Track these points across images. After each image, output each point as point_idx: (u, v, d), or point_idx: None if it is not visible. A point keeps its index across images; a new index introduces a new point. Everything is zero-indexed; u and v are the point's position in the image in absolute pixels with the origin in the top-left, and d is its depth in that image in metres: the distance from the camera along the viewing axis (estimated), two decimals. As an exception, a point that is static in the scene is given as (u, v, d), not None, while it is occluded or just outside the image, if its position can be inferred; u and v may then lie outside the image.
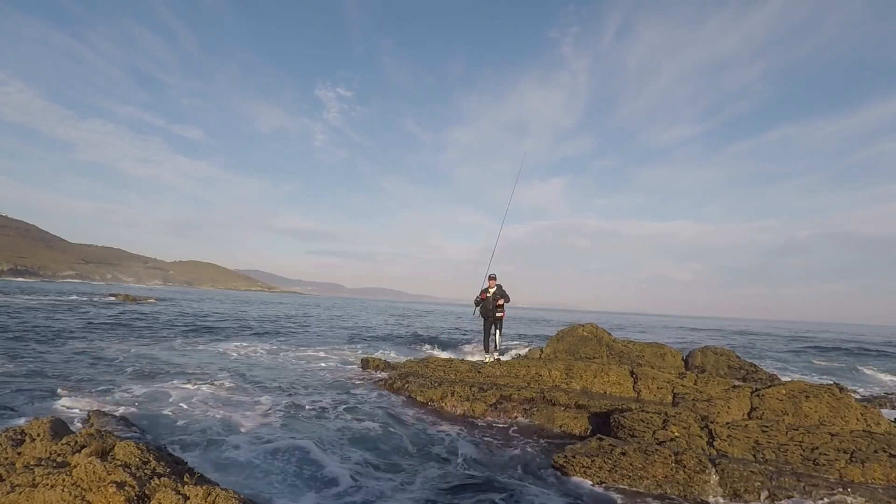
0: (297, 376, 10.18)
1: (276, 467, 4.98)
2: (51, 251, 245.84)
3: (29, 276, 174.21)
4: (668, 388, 8.36)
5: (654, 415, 6.03)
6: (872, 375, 17.10)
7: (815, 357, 22.74)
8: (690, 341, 28.30)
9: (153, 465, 3.24)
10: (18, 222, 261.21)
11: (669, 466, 4.75)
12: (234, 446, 5.51)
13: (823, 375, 16.01)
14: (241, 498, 2.93)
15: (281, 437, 5.93)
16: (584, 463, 4.79)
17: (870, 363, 20.82)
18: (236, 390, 8.43)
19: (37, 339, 13.15)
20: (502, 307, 11.17)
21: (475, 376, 9.21)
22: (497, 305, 10.98)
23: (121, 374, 9.12)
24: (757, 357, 20.17)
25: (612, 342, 12.15)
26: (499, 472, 5.28)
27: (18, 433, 3.77)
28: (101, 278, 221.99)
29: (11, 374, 8.46)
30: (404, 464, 5.40)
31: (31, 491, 2.92)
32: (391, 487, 4.72)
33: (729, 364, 12.24)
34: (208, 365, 10.83)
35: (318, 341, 17.86)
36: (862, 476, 4.96)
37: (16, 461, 3.41)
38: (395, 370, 10.42)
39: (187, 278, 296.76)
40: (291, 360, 12.43)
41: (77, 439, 3.56)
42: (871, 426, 6.79)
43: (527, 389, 8.24)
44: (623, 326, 46.10)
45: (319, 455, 5.40)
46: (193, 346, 14.23)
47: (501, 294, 10.96)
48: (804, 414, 7.08)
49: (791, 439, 5.54)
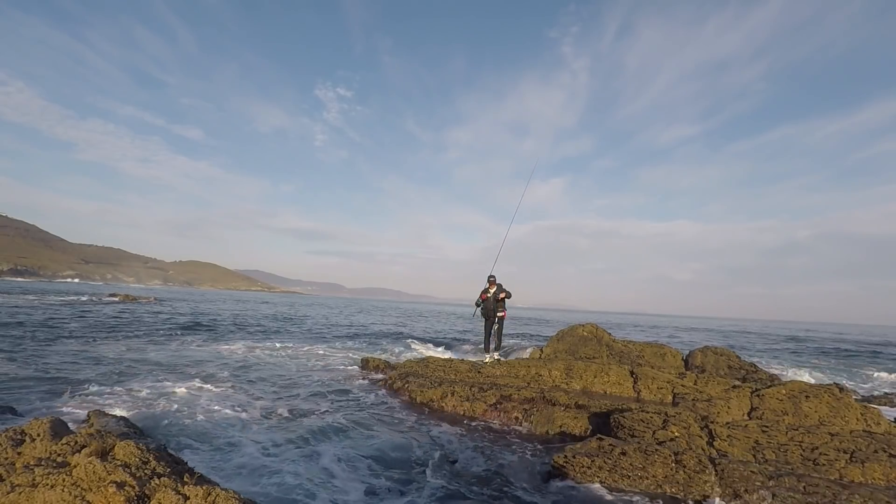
0: (297, 376, 10.17)
1: (276, 468, 4.98)
2: (51, 251, 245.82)
3: (29, 276, 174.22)
4: (668, 388, 8.36)
5: (654, 415, 6.03)
6: (872, 375, 17.10)
7: (815, 357, 22.74)
8: (690, 341, 28.31)
9: (153, 465, 3.24)
10: (18, 222, 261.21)
11: (669, 466, 4.75)
12: (234, 447, 5.51)
13: (823, 375, 16.02)
14: (241, 498, 2.93)
15: (281, 438, 5.93)
16: (584, 463, 4.79)
17: (870, 363, 20.83)
18: (236, 390, 8.43)
19: (36, 338, 13.15)
20: (504, 302, 11.23)
21: (475, 376, 9.22)
22: (500, 300, 11.06)
23: (120, 374, 9.11)
24: (757, 357, 20.17)
25: (612, 342, 12.15)
26: (499, 473, 5.28)
27: (18, 433, 3.77)
28: (101, 278, 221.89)
29: (11, 374, 8.46)
30: (405, 467, 5.40)
31: (31, 491, 2.92)
32: (392, 491, 4.72)
33: (729, 364, 12.23)
34: (208, 365, 10.83)
35: (317, 341, 17.86)
36: (862, 476, 4.96)
37: (16, 461, 3.41)
38: (395, 370, 10.42)
39: (187, 278, 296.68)
40: (291, 360, 12.43)
41: (77, 439, 3.56)
42: (871, 426, 6.79)
43: (527, 389, 8.24)
44: (623, 326, 46.09)
45: (319, 456, 5.40)
46: (193, 345, 14.23)
47: (501, 291, 11.02)
48: (804, 414, 7.08)
49: (791, 439, 5.54)
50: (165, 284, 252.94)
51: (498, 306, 11.19)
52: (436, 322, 36.26)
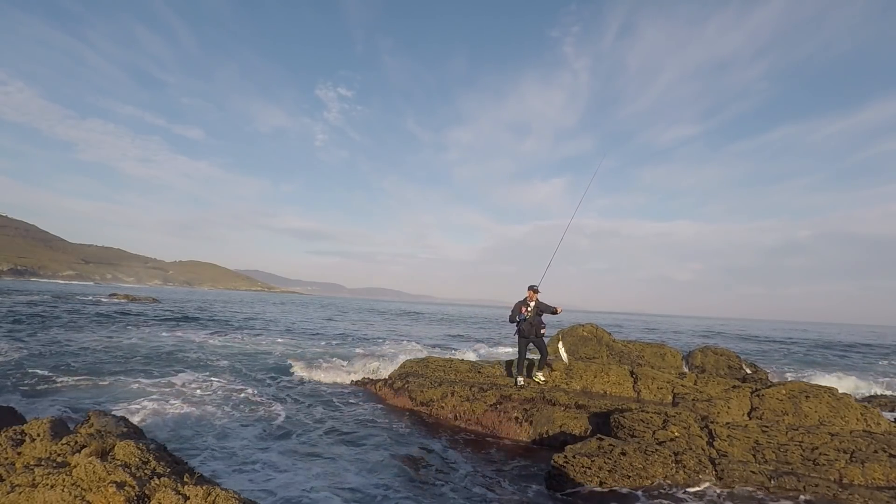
0: (297, 376, 10.18)
1: (276, 468, 4.98)
2: (51, 251, 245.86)
3: (29, 276, 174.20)
4: (668, 388, 8.36)
5: (654, 415, 6.03)
6: (872, 375, 17.09)
7: (816, 357, 22.73)
8: (690, 341, 28.30)
9: (153, 465, 3.24)
10: (18, 222, 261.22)
11: (669, 466, 4.75)
12: (235, 447, 5.51)
13: (823, 375, 16.00)
14: (240, 498, 2.93)
15: (281, 439, 5.93)
16: (584, 463, 4.79)
17: (869, 363, 20.81)
18: (237, 390, 8.43)
19: (36, 338, 13.15)
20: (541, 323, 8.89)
21: (475, 376, 9.21)
22: (552, 312, 8.80)
23: (120, 374, 9.11)
24: (757, 357, 20.17)
25: (612, 342, 12.15)
26: (499, 473, 5.28)
27: (18, 433, 3.77)
28: (101, 278, 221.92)
29: (11, 375, 8.46)
30: (405, 466, 5.40)
31: (31, 491, 2.92)
32: (391, 491, 4.72)
33: (729, 364, 12.24)
34: (208, 364, 10.84)
35: (317, 341, 17.86)
36: (862, 476, 4.96)
37: (16, 461, 3.41)
38: (395, 370, 10.41)
39: (187, 278, 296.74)
40: (291, 361, 12.44)
41: (77, 439, 3.55)
42: (871, 426, 6.79)
43: (527, 389, 8.23)
44: (623, 326, 46.08)
45: (319, 457, 5.40)
46: (192, 345, 14.23)
47: (546, 309, 8.77)
48: (804, 414, 7.08)
49: (791, 439, 5.54)
50: (165, 284, 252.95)
51: (539, 322, 8.81)
52: (435, 321, 36.27)
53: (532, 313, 8.68)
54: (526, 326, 8.65)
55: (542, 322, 8.78)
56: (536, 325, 8.69)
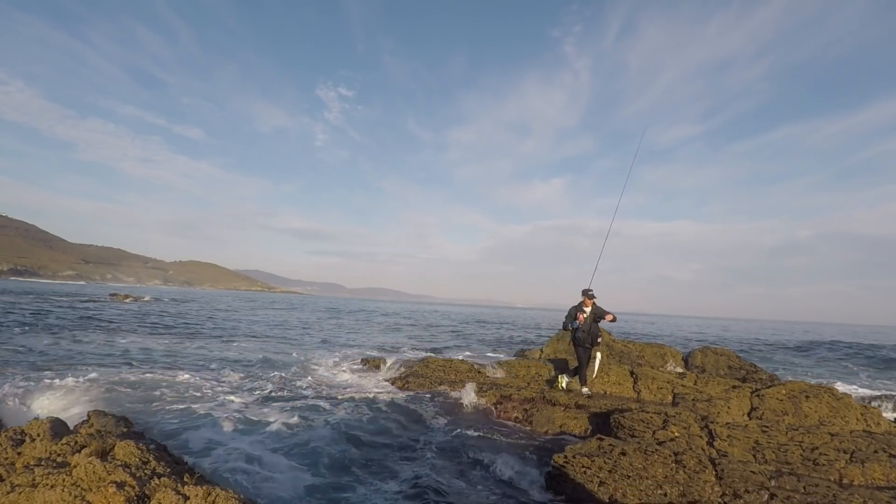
0: (297, 376, 10.18)
1: (276, 469, 4.98)
2: (51, 251, 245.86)
3: (29, 276, 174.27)
4: (668, 388, 8.36)
5: (654, 415, 6.03)
6: (872, 375, 17.08)
7: (816, 357, 22.72)
8: (690, 341, 28.30)
9: (153, 465, 3.24)
10: (18, 222, 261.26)
11: (669, 467, 4.75)
12: (235, 447, 5.51)
13: (823, 375, 16.00)
14: (240, 498, 2.93)
15: (281, 440, 5.93)
16: (584, 463, 4.79)
17: (869, 363, 20.81)
18: (237, 390, 8.44)
19: (36, 338, 13.15)
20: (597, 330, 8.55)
21: (475, 376, 9.21)
22: (608, 320, 8.51)
23: (120, 374, 9.11)
24: (757, 357, 20.16)
25: (611, 342, 12.15)
26: (498, 473, 5.28)
27: (18, 433, 3.77)
28: (101, 278, 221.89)
29: (10, 375, 8.46)
30: (405, 467, 5.40)
31: (31, 491, 2.92)
32: (392, 490, 4.72)
33: (729, 364, 12.24)
34: (208, 365, 10.84)
35: (316, 341, 17.86)
36: (862, 476, 4.96)
37: (16, 461, 3.41)
38: (395, 370, 10.42)
39: (187, 278, 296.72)
40: (292, 360, 12.44)
41: (77, 439, 3.56)
42: (871, 426, 6.80)
43: (527, 389, 8.24)
44: (623, 326, 46.09)
45: (319, 458, 5.40)
46: (192, 345, 14.23)
47: (602, 315, 8.40)
48: (804, 414, 7.08)
49: (791, 439, 5.54)
50: (165, 284, 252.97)
51: (597, 330, 8.50)
52: (435, 322, 36.28)
53: (589, 320, 8.31)
54: (582, 335, 8.29)
55: (598, 330, 8.42)
56: (594, 332, 8.32)
